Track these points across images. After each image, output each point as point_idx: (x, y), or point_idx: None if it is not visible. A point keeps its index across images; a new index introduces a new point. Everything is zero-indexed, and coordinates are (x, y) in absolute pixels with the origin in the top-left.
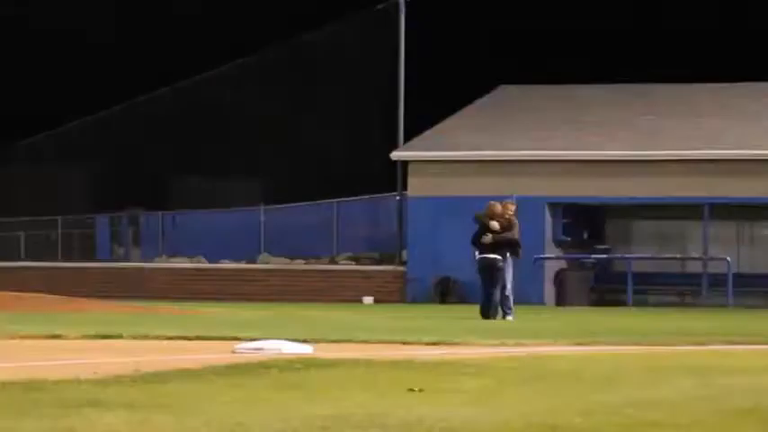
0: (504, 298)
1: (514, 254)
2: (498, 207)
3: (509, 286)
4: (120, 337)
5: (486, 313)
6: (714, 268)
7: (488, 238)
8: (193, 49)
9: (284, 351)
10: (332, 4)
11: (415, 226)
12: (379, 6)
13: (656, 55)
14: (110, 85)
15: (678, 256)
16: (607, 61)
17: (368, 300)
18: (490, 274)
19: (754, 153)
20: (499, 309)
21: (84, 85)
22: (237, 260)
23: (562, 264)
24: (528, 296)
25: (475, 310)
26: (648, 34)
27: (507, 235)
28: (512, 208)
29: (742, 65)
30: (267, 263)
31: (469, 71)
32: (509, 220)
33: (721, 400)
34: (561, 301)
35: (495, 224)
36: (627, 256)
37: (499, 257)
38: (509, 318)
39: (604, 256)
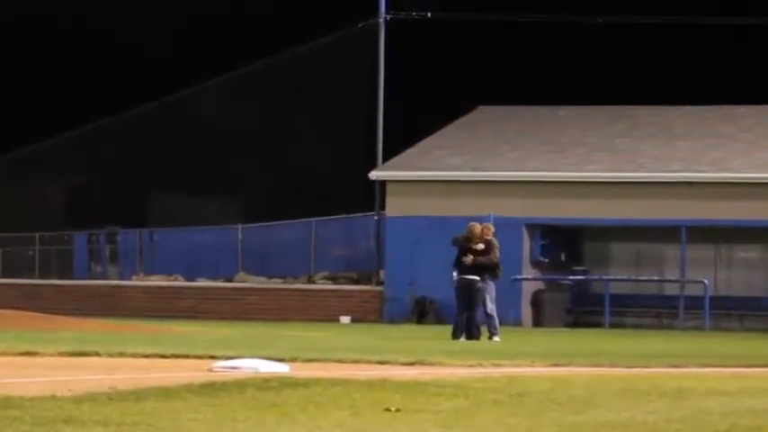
0: (489, 318)
1: (494, 275)
2: (478, 228)
3: (492, 306)
4: (96, 354)
5: (458, 334)
6: (691, 291)
7: (469, 258)
8: (173, 65)
9: (261, 370)
10: (312, 23)
11: (393, 245)
12: (360, 25)
13: (634, 77)
14: (88, 102)
15: (655, 278)
16: (585, 83)
17: (345, 319)
18: (468, 294)
19: (731, 176)
20: (483, 329)
21: (62, 102)
22: (215, 278)
23: (539, 285)
24: (505, 317)
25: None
26: (625, 56)
27: (486, 259)
28: (491, 230)
29: (718, 88)
30: (244, 281)
31: (448, 91)
32: (489, 242)
33: (698, 423)
34: (538, 322)
35: (479, 245)
36: (604, 277)
37: (477, 278)
38: (495, 338)
39: (582, 277)
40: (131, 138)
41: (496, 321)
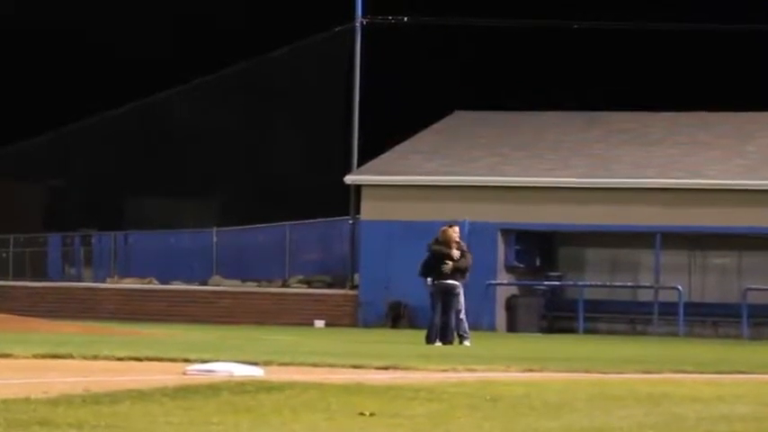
0: (459, 322)
1: (463, 278)
2: (451, 232)
3: (463, 310)
4: (70, 356)
5: (432, 338)
6: (665, 297)
7: (449, 266)
8: (148, 69)
9: (235, 373)
10: (288, 27)
11: (368, 250)
12: (336, 29)
13: (610, 83)
14: (63, 105)
15: (629, 284)
16: (561, 88)
17: (319, 323)
18: (447, 299)
19: (706, 182)
20: (455, 334)
21: (37, 104)
22: (189, 281)
23: (514, 290)
24: (479, 322)
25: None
26: (601, 62)
27: (463, 262)
28: (457, 233)
29: (694, 95)
30: (219, 284)
31: (424, 96)
32: (460, 245)
33: (672, 429)
34: (512, 327)
35: (456, 253)
36: (578, 283)
37: (457, 283)
38: (466, 343)
39: (556, 282)
40: (107, 140)
41: (467, 325)
